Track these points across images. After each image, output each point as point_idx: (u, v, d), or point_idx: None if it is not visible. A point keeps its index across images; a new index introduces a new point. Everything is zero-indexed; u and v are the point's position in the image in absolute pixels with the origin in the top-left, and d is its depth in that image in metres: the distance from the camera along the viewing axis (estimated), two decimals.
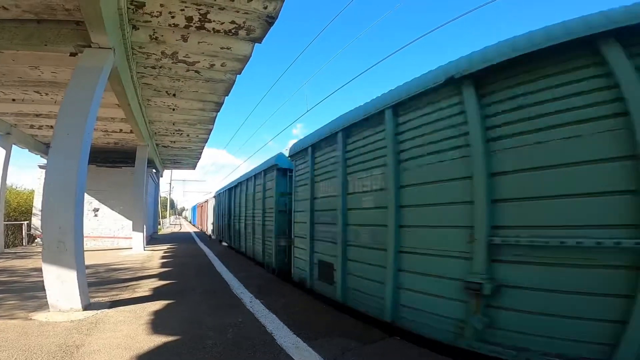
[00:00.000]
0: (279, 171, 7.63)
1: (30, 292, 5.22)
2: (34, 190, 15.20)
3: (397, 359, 3.08)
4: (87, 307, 4.51)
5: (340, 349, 3.29)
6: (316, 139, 5.62)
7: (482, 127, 3.05)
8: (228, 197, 14.05)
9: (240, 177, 11.84)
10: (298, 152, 6.43)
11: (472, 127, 3.12)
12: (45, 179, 4.59)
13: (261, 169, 8.74)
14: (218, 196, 18.07)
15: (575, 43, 2.54)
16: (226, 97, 8.45)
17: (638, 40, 2.39)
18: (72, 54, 5.09)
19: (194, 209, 47.06)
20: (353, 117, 4.66)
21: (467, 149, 3.16)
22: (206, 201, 26.64)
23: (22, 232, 13.97)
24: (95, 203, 14.58)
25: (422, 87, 3.60)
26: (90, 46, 4.89)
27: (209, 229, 22.41)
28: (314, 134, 5.77)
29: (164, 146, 14.31)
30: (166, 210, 52.36)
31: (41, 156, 13.09)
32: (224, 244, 15.85)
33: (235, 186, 12.36)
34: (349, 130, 4.78)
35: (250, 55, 6.35)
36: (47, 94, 7.85)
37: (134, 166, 12.23)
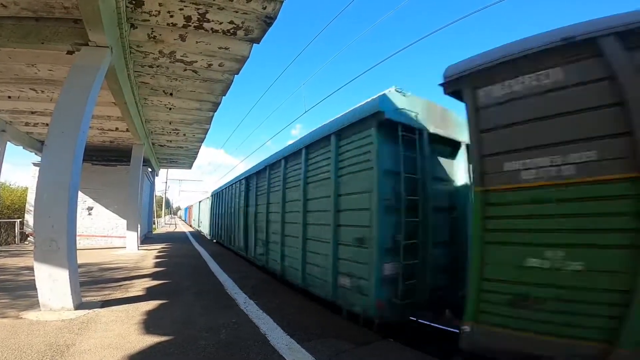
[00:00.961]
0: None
1: (22, 291, 5.17)
2: (27, 188, 15.07)
3: None
4: (78, 306, 4.47)
5: (334, 350, 3.29)
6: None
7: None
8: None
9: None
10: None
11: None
12: (38, 176, 4.57)
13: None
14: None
15: None
16: (223, 97, 8.44)
17: None
18: (69, 52, 5.07)
19: (185, 209, 54.05)
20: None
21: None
22: (191, 205, 34.39)
23: (15, 230, 13.84)
24: (89, 201, 14.47)
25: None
26: (87, 44, 4.88)
27: (198, 227, 27.79)
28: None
29: (160, 145, 14.25)
30: (161, 210, 52.08)
31: (36, 154, 12.98)
32: (215, 241, 16.20)
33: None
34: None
35: (248, 56, 6.35)
36: (43, 92, 7.80)
37: (129, 165, 12.15)
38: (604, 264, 2.44)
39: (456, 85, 3.28)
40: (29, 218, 13.59)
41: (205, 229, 22.05)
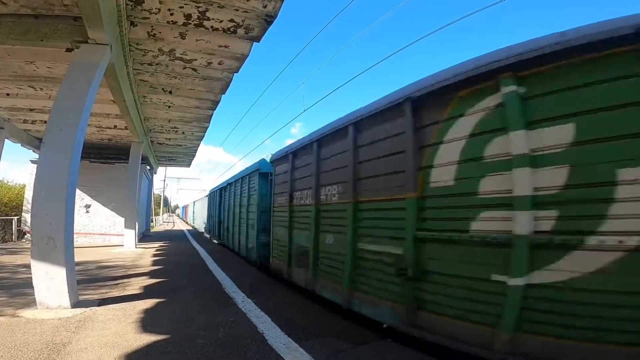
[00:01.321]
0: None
1: (19, 289, 5.15)
2: (25, 185, 15.02)
3: None
4: (75, 304, 4.44)
5: (332, 349, 3.28)
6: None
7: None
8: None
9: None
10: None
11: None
12: (36, 174, 4.55)
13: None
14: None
15: None
16: (223, 95, 8.43)
17: None
18: (69, 50, 5.05)
19: (183, 208, 60.13)
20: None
21: None
22: (188, 204, 39.47)
23: (12, 227, 13.79)
24: (87, 199, 14.44)
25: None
26: (87, 42, 4.86)
27: (195, 225, 30.20)
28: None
29: (159, 143, 14.24)
30: (159, 208, 51.99)
31: (34, 151, 12.95)
32: (215, 241, 16.21)
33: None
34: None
35: (248, 54, 6.34)
36: (41, 89, 7.78)
37: (127, 162, 12.14)
38: None
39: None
40: (27, 216, 13.54)
41: (200, 227, 24.34)
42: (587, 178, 2.31)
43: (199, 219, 25.66)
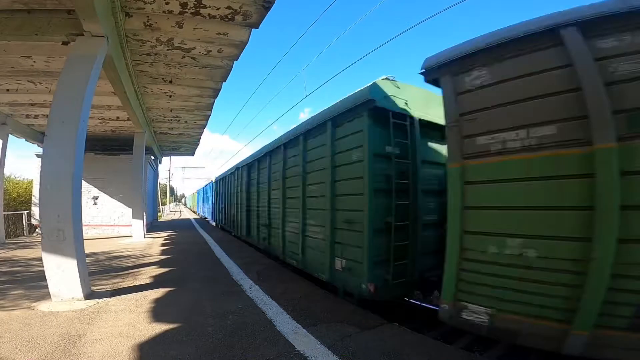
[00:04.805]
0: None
1: (33, 282, 5.27)
2: (32, 180, 15.18)
3: (396, 345, 3.13)
4: (88, 296, 4.55)
5: (339, 334, 3.35)
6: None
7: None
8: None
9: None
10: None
11: None
12: (41, 167, 4.59)
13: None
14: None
15: None
16: (224, 82, 8.35)
17: None
18: (65, 43, 5.01)
19: (189, 197, 62.18)
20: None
21: None
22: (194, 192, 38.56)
23: (22, 222, 14.01)
24: (95, 191, 14.57)
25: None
26: (82, 34, 4.81)
27: (202, 213, 30.23)
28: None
29: (162, 133, 14.22)
30: (166, 197, 52.42)
31: (38, 145, 13.01)
32: (222, 228, 16.43)
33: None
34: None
35: (247, 41, 6.24)
36: (41, 84, 7.76)
37: (132, 153, 12.17)
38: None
39: (435, 74, 3.54)
40: (36, 210, 13.73)
41: (208, 214, 24.21)
42: None
43: (207, 206, 25.09)
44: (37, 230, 13.78)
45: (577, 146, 2.61)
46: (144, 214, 12.94)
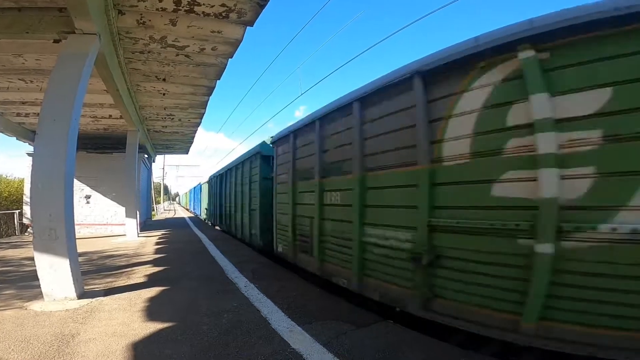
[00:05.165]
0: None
1: (25, 282, 5.22)
2: (24, 179, 15.01)
3: (391, 342, 3.15)
4: (81, 295, 4.52)
5: (334, 332, 3.36)
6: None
7: None
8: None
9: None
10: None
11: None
12: (32, 165, 4.56)
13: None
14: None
15: None
16: (218, 80, 8.32)
17: None
18: (56, 41, 4.96)
19: (182, 196, 64.42)
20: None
21: None
22: (187, 192, 41.70)
23: (14, 221, 13.86)
24: (87, 190, 14.44)
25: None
26: (74, 32, 4.75)
27: (194, 210, 32.21)
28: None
29: (156, 131, 14.13)
30: (160, 196, 52.10)
31: (29, 144, 12.85)
32: (217, 227, 16.46)
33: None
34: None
35: (242, 39, 6.21)
36: (32, 82, 7.68)
37: (125, 152, 12.08)
38: None
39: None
40: (27, 209, 13.59)
41: (197, 211, 26.99)
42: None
43: (200, 205, 26.23)
44: (28, 229, 13.64)
45: (410, 165, 3.57)
46: (138, 212, 12.85)
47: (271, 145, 7.66)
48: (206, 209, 20.90)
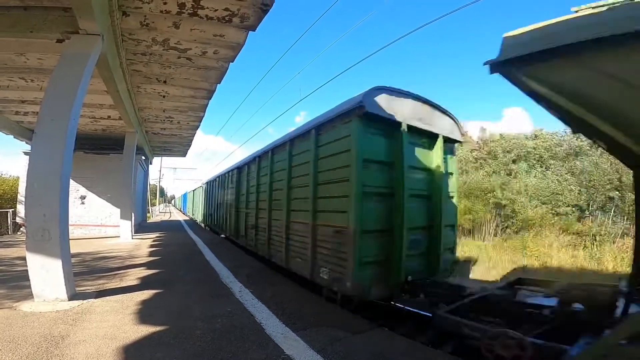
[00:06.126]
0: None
1: (16, 282, 5.14)
2: (19, 177, 14.90)
3: (385, 349, 3.12)
4: (72, 296, 4.46)
5: (329, 338, 3.33)
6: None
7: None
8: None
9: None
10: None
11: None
12: (29, 165, 4.51)
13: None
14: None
15: None
16: (218, 84, 8.34)
17: None
18: (59, 41, 4.96)
19: (178, 199, 66.48)
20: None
21: None
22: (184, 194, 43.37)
23: (7, 220, 13.71)
24: (82, 190, 14.34)
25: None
26: (78, 32, 4.78)
27: (191, 213, 32.39)
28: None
29: (154, 133, 14.11)
30: (156, 198, 51.84)
31: (26, 142, 12.79)
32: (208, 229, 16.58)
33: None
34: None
35: (244, 43, 6.25)
36: (32, 81, 7.66)
37: (122, 153, 12.03)
38: None
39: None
40: (21, 208, 13.46)
41: (196, 216, 26.48)
42: None
43: (196, 208, 26.99)
44: (21, 229, 13.49)
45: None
46: (133, 214, 12.75)
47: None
48: (205, 212, 21.61)
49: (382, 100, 4.54)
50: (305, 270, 5.30)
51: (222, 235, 13.51)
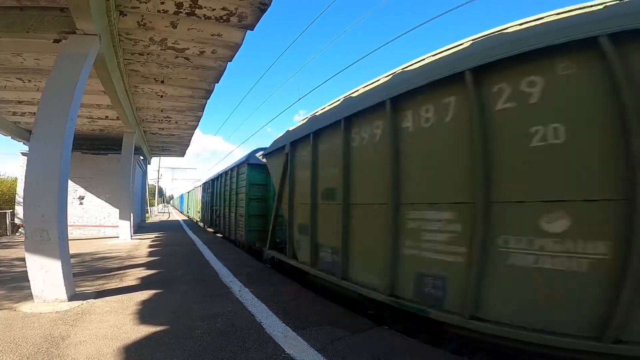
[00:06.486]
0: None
1: (15, 283, 5.14)
2: (17, 178, 14.85)
3: (386, 349, 3.13)
4: (72, 297, 4.45)
5: (329, 338, 3.33)
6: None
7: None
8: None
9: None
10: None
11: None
12: (27, 166, 4.50)
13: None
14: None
15: None
16: (216, 84, 8.33)
17: None
18: (56, 41, 4.95)
19: (177, 198, 67.69)
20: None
21: None
22: (184, 194, 43.37)
23: (5, 221, 13.67)
24: (81, 191, 14.32)
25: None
26: (75, 32, 4.76)
27: (187, 213, 34.51)
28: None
29: (152, 133, 14.09)
30: (154, 199, 51.76)
31: (24, 143, 12.77)
32: (210, 229, 16.59)
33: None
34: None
35: (242, 43, 6.25)
36: (29, 81, 7.65)
37: (120, 153, 12.01)
38: None
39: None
40: (19, 209, 13.41)
41: (190, 213, 29.72)
42: None
43: (190, 208, 29.56)
44: (20, 229, 13.45)
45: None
46: (132, 214, 12.73)
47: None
48: (198, 211, 25.12)
49: (256, 155, 9.06)
50: (232, 236, 11.19)
51: (200, 224, 20.62)
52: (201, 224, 20.55)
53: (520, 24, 2.91)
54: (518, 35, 2.68)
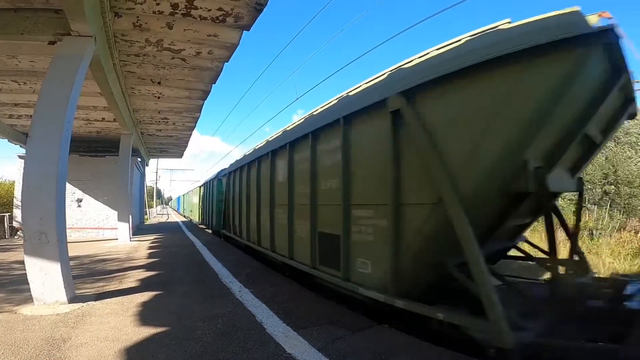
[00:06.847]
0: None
1: (15, 286, 5.13)
2: (15, 181, 14.79)
3: (387, 347, 3.14)
4: (72, 299, 4.45)
5: (330, 337, 3.34)
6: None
7: None
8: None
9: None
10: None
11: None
12: (24, 168, 4.50)
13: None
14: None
15: None
16: (213, 84, 8.32)
17: None
18: (51, 43, 4.93)
19: (178, 199, 71.51)
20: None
21: None
22: (182, 195, 44.46)
23: (4, 224, 13.62)
24: (79, 193, 14.29)
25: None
26: (69, 34, 4.74)
27: (184, 213, 37.16)
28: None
29: (150, 135, 14.06)
30: (153, 200, 51.66)
31: (21, 146, 12.72)
32: (208, 230, 16.70)
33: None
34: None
35: (238, 43, 6.24)
36: (25, 83, 7.62)
37: (118, 155, 11.98)
38: None
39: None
40: (17, 212, 13.36)
41: (192, 216, 30.25)
42: None
43: (193, 210, 29.53)
44: (18, 232, 13.41)
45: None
46: (130, 216, 12.72)
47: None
48: (191, 210, 29.93)
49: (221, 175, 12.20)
50: (210, 227, 16.00)
51: (193, 221, 25.20)
52: (194, 221, 25.46)
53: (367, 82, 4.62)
54: (350, 99, 4.40)
